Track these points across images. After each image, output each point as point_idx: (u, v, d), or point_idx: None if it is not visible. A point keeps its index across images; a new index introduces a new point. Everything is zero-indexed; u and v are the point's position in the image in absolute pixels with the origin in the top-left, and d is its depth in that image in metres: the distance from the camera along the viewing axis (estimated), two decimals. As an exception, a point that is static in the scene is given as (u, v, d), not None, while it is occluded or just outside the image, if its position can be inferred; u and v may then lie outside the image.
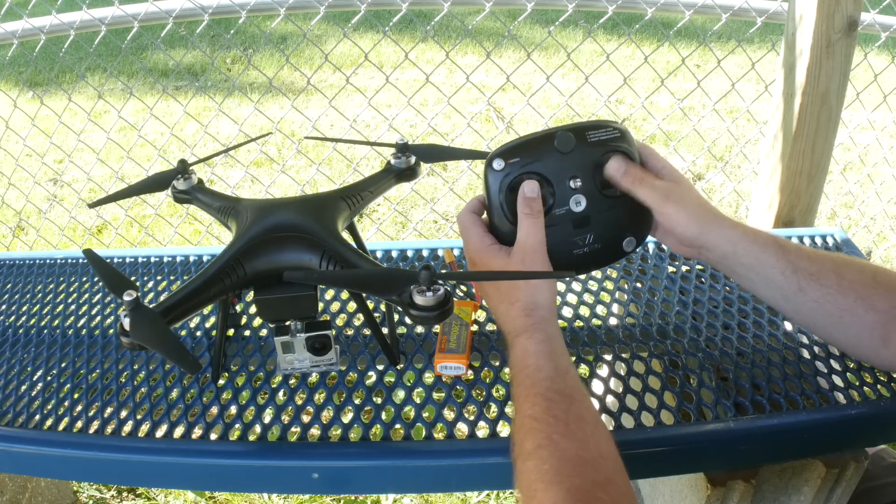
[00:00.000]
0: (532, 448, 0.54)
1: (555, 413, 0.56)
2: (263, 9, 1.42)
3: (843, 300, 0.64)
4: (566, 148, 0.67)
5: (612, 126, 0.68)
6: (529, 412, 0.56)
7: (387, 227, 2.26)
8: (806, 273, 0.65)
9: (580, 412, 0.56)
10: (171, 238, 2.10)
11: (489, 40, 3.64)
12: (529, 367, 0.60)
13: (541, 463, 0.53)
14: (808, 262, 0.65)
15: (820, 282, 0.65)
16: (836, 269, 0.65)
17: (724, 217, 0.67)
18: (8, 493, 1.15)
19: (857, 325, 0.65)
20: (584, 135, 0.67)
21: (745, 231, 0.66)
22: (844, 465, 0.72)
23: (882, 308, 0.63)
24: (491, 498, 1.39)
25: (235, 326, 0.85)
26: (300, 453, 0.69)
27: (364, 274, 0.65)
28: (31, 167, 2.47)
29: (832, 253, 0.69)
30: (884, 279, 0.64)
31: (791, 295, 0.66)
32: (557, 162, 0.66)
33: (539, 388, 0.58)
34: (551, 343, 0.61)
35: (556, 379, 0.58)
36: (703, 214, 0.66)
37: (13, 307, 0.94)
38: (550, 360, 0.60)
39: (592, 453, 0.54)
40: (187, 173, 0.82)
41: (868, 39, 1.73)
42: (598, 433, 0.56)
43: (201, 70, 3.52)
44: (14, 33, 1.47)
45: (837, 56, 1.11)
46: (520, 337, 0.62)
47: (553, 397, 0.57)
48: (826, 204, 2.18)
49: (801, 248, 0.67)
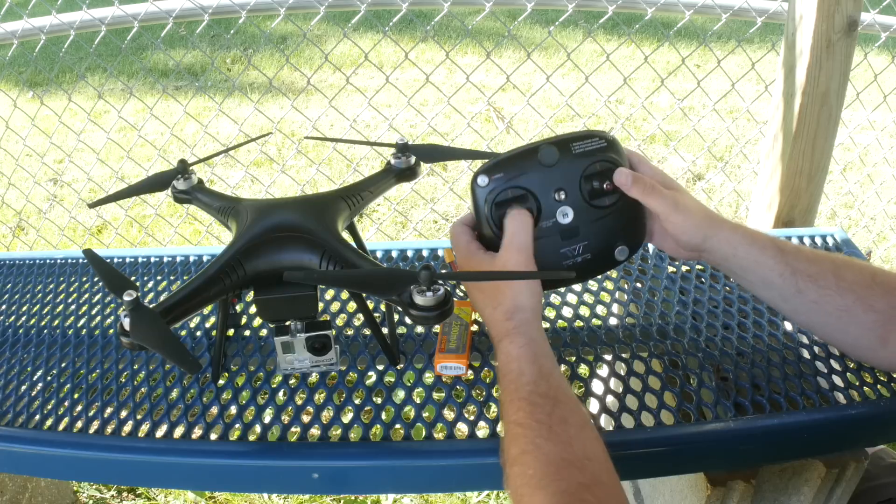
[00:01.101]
0: (517, 454, 0.54)
1: (538, 417, 0.55)
2: (263, 9, 1.42)
3: (842, 301, 0.65)
4: (550, 161, 0.68)
5: (600, 136, 0.69)
6: (514, 418, 0.56)
7: (387, 227, 2.26)
8: (804, 275, 0.65)
9: (563, 414, 0.56)
10: (171, 238, 2.10)
11: (489, 40, 3.64)
12: (512, 371, 0.60)
13: (525, 468, 0.53)
14: (807, 263, 0.66)
15: (818, 283, 0.65)
16: (835, 270, 0.65)
17: (724, 220, 0.67)
18: (8, 493, 1.15)
19: (856, 325, 0.65)
20: (568, 147, 0.68)
21: (744, 233, 0.67)
22: (844, 465, 0.72)
23: (880, 308, 0.64)
24: (491, 498, 1.39)
25: (235, 326, 0.85)
26: (300, 453, 0.69)
27: (364, 274, 0.65)
28: (31, 167, 2.47)
29: (831, 254, 0.69)
30: (882, 280, 0.65)
31: (790, 296, 0.66)
32: (541, 175, 0.68)
33: (522, 392, 0.58)
34: (534, 346, 0.61)
35: (539, 382, 0.58)
36: (707, 220, 0.67)
37: (13, 307, 0.94)
38: (533, 363, 0.60)
39: (577, 455, 0.53)
40: (187, 173, 0.82)
41: (868, 39, 1.73)
42: (583, 434, 0.55)
43: (201, 70, 3.52)
44: (14, 33, 1.47)
45: (837, 56, 1.11)
46: (503, 341, 0.62)
47: (536, 401, 0.57)
48: (826, 204, 2.18)
49: (800, 250, 0.67)
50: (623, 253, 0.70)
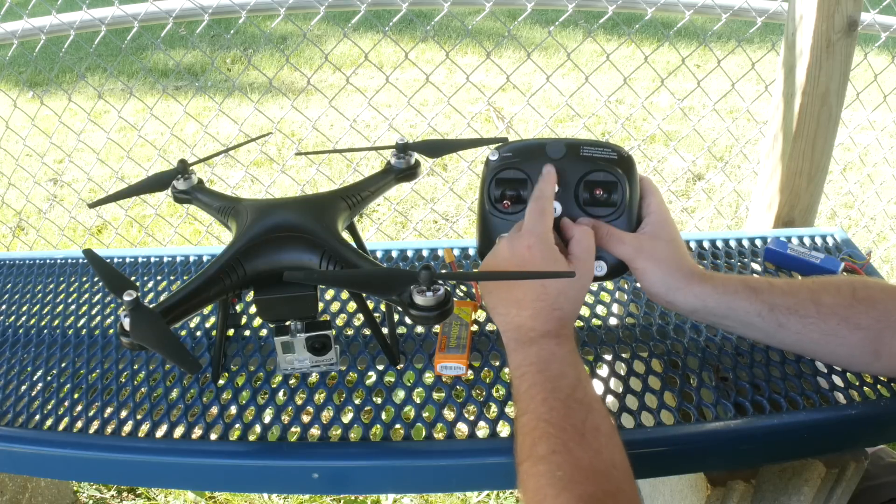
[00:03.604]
0: (546, 453, 0.54)
1: (573, 422, 0.56)
2: (263, 9, 1.42)
3: (826, 326, 0.64)
4: (555, 155, 0.70)
5: (617, 150, 0.70)
6: (547, 416, 0.56)
7: (387, 227, 2.26)
8: (783, 308, 0.65)
9: (597, 422, 0.56)
10: (171, 238, 2.10)
11: (489, 40, 3.64)
12: (552, 370, 0.59)
13: (555, 468, 0.53)
14: (783, 296, 0.65)
15: (799, 314, 0.65)
16: (813, 296, 0.65)
17: (694, 275, 0.67)
18: (8, 493, 1.15)
19: (845, 345, 0.65)
20: (578, 148, 0.70)
21: (714, 285, 0.66)
22: (844, 465, 0.72)
23: (866, 325, 0.63)
24: (491, 498, 1.39)
25: (235, 326, 0.85)
26: (300, 453, 0.69)
27: (364, 274, 0.65)
28: (31, 167, 2.47)
29: (806, 280, 0.68)
30: (862, 295, 0.64)
31: (772, 332, 0.67)
32: (543, 165, 0.70)
33: (560, 393, 0.58)
34: (576, 351, 0.62)
35: (578, 388, 0.58)
36: (673, 275, 0.66)
37: (13, 307, 0.94)
38: (575, 367, 0.60)
39: (605, 464, 0.54)
40: (187, 173, 0.82)
41: (868, 39, 1.73)
42: (611, 444, 0.56)
43: (201, 70, 3.52)
44: (14, 33, 1.47)
45: (837, 56, 1.11)
46: (546, 339, 0.61)
47: (573, 406, 0.57)
48: (826, 204, 2.18)
49: (773, 284, 0.67)
50: (600, 269, 0.70)
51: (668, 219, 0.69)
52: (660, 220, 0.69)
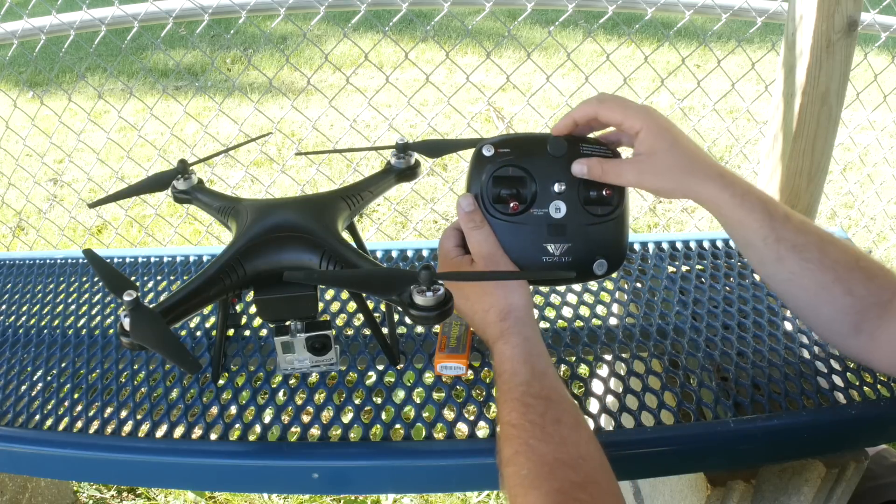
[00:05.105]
0: (510, 454, 0.54)
1: (531, 417, 0.55)
2: (263, 9, 1.42)
3: (822, 277, 0.62)
4: (557, 152, 0.68)
5: (611, 149, 0.69)
6: (507, 418, 0.56)
7: (387, 227, 2.26)
8: (788, 243, 0.63)
9: (557, 414, 0.56)
10: (171, 238, 2.10)
11: (489, 40, 3.64)
12: (506, 372, 0.60)
13: (519, 469, 0.53)
14: (794, 232, 0.63)
15: (801, 254, 0.63)
16: (820, 244, 0.63)
17: (710, 176, 0.64)
18: (8, 493, 1.15)
19: (831, 305, 0.63)
20: (577, 145, 0.68)
21: (733, 192, 0.63)
22: (844, 465, 0.72)
23: (859, 294, 0.62)
24: (491, 498, 1.39)
25: (235, 326, 0.85)
26: (300, 453, 0.69)
27: (364, 274, 0.65)
28: (31, 167, 2.47)
29: (821, 228, 0.66)
30: (865, 265, 0.63)
31: (769, 262, 0.64)
32: (546, 163, 0.68)
33: (515, 392, 0.58)
34: (527, 345, 0.61)
35: (533, 383, 0.58)
36: (686, 177, 0.64)
37: (13, 307, 0.94)
38: (526, 363, 0.59)
39: (571, 454, 0.53)
40: (187, 173, 0.82)
41: (868, 39, 1.73)
42: (577, 434, 0.55)
43: (201, 70, 3.52)
44: (14, 33, 1.47)
45: (837, 56, 1.11)
46: (497, 342, 0.62)
47: (529, 401, 0.57)
48: (826, 204, 2.18)
49: (791, 217, 0.64)
50: (601, 267, 0.69)
51: (662, 126, 0.65)
52: (652, 131, 0.65)
